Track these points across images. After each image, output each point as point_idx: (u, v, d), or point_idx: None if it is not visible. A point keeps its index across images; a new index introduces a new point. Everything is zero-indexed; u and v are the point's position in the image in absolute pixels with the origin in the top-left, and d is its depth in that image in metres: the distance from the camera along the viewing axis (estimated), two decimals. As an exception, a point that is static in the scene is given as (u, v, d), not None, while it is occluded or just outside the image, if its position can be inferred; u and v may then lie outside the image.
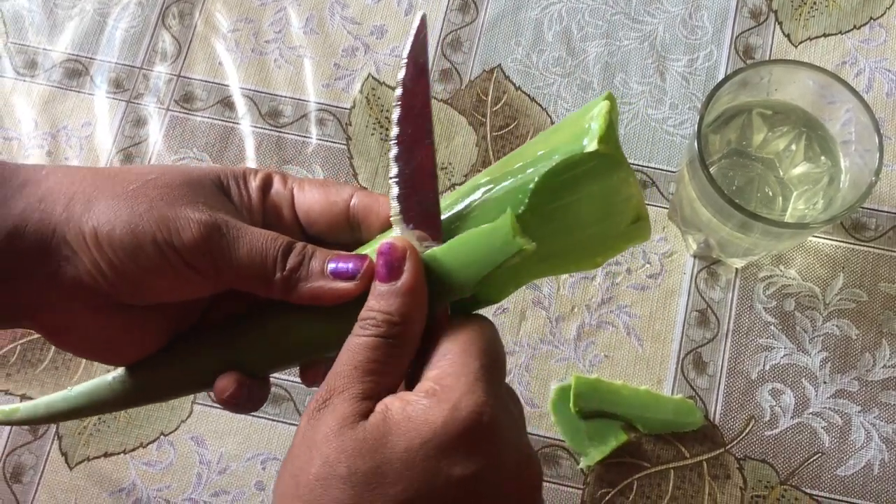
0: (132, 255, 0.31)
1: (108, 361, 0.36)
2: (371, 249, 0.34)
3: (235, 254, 0.32)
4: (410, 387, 0.31)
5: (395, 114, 0.32)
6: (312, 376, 0.37)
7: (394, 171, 0.32)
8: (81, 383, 0.37)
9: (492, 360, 0.31)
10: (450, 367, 0.30)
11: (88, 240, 0.31)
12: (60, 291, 0.32)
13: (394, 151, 0.32)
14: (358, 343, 0.30)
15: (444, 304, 0.32)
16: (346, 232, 0.36)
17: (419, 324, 0.31)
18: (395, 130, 0.32)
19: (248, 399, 0.35)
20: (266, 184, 0.36)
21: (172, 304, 0.34)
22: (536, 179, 0.30)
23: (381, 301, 0.31)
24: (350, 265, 0.32)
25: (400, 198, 0.32)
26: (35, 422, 0.37)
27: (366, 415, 0.29)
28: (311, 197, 0.36)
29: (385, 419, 0.29)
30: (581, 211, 0.31)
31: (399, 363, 0.31)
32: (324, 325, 0.34)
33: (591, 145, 0.29)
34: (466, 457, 0.28)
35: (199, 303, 0.36)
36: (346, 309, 0.32)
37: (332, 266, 0.33)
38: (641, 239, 0.32)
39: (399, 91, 0.32)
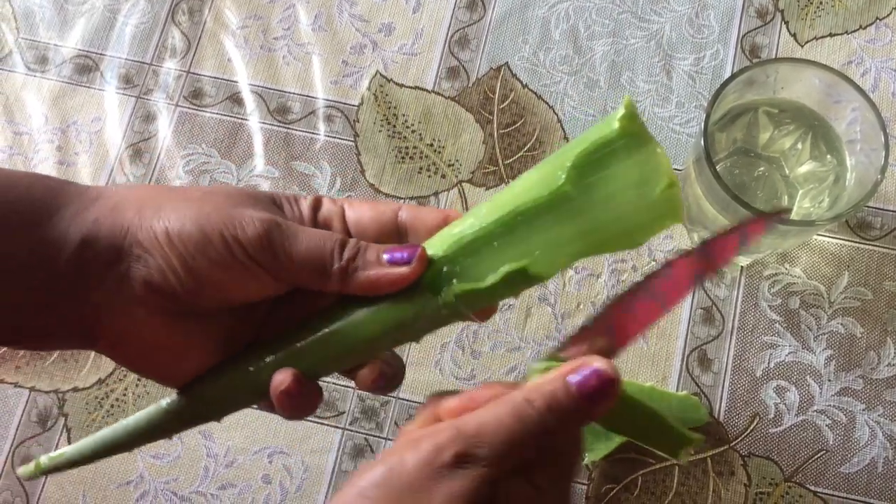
0: (201, 249, 0.32)
1: (164, 377, 0.36)
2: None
3: (295, 247, 0.33)
4: None
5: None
6: (364, 378, 0.37)
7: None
8: (135, 414, 0.36)
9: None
10: (560, 461, 0.31)
11: (160, 237, 0.32)
12: (129, 294, 0.33)
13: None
14: (527, 416, 0.30)
15: None
16: (394, 240, 0.37)
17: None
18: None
19: (302, 395, 0.35)
20: (316, 204, 0.38)
21: (230, 315, 0.35)
22: (573, 158, 0.32)
23: (568, 420, 0.30)
24: (405, 253, 0.34)
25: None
26: (88, 461, 0.37)
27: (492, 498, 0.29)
28: (360, 210, 0.37)
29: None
30: (617, 182, 0.32)
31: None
32: (377, 324, 0.34)
33: (618, 124, 0.31)
34: None
35: (255, 317, 0.37)
36: (399, 305, 0.34)
37: (386, 256, 0.34)
38: (674, 216, 0.33)
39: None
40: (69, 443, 0.54)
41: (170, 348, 0.34)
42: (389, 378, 0.37)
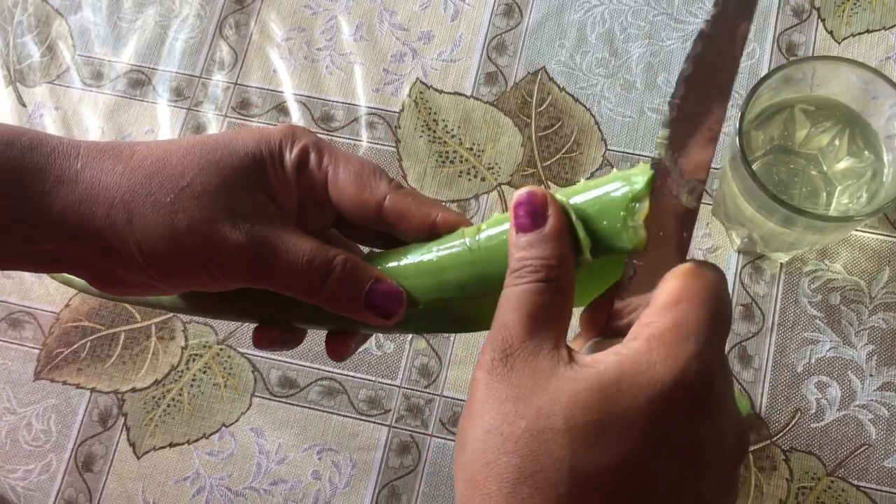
0: (175, 270, 0.33)
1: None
2: (444, 241, 0.34)
3: (273, 270, 0.33)
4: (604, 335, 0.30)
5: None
6: (338, 349, 0.37)
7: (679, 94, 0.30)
8: None
9: (720, 316, 0.28)
10: (676, 320, 0.27)
11: (135, 251, 0.32)
12: (107, 264, 0.33)
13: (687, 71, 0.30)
14: (522, 291, 0.29)
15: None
16: (377, 226, 0.36)
17: (572, 267, 0.30)
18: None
19: (284, 340, 0.37)
20: (302, 160, 0.35)
21: None
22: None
23: (531, 249, 0.29)
24: (387, 304, 0.34)
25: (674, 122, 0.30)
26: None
27: (567, 363, 0.27)
28: (343, 190, 0.35)
29: (604, 369, 0.26)
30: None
31: (566, 308, 0.29)
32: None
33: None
34: (691, 423, 0.26)
35: None
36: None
37: (370, 300, 0.34)
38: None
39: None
40: (129, 442, 0.57)
41: (154, 290, 0.36)
42: (352, 351, 0.38)
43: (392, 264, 0.35)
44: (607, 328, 0.30)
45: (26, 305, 0.60)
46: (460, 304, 0.34)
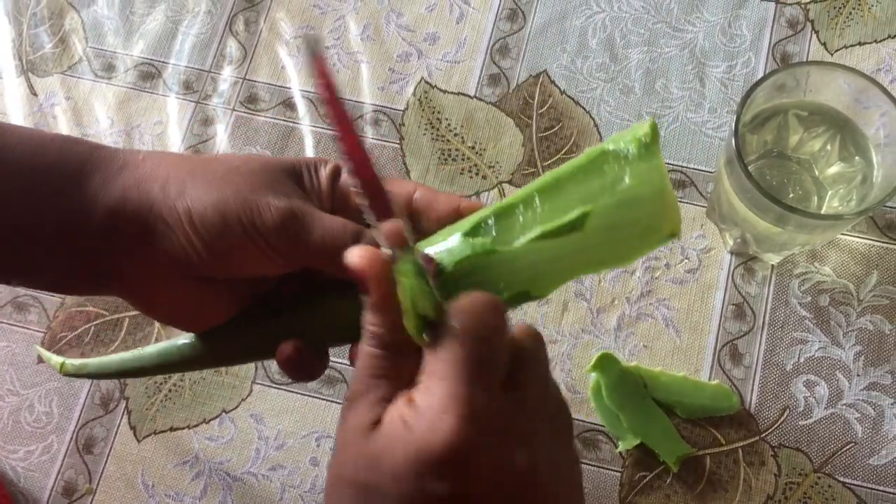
0: (221, 233, 0.35)
1: (185, 328, 0.39)
2: (439, 238, 0.36)
3: (310, 236, 0.35)
4: None
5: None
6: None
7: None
8: (153, 345, 0.41)
9: (477, 369, 0.30)
10: (428, 381, 0.30)
11: (183, 218, 0.35)
12: (154, 263, 0.36)
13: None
14: (363, 351, 0.32)
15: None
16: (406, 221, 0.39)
17: (400, 332, 0.31)
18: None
19: (303, 364, 0.38)
20: (335, 173, 0.39)
21: (247, 279, 0.38)
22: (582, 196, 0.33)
23: (369, 314, 0.32)
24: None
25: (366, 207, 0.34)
26: (104, 376, 0.42)
27: (377, 421, 0.30)
28: None
29: (385, 432, 0.30)
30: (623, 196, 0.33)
31: (400, 367, 0.32)
32: None
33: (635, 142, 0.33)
34: (446, 479, 0.28)
35: (269, 282, 0.40)
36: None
37: None
38: (672, 224, 0.34)
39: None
40: (130, 426, 0.57)
41: (186, 306, 0.38)
42: None
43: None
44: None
45: (31, 289, 0.61)
46: (483, 268, 0.35)
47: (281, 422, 0.57)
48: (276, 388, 0.58)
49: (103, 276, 0.36)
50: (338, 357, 0.58)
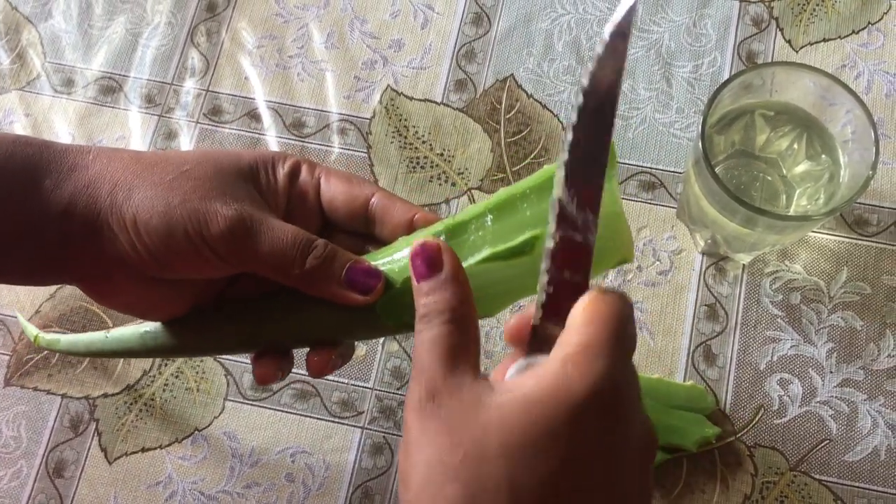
0: (165, 241, 0.35)
1: (143, 318, 0.40)
2: (390, 253, 0.37)
3: (258, 247, 0.35)
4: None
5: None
6: (318, 364, 0.39)
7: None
8: (118, 328, 0.41)
9: (624, 334, 0.31)
10: (586, 341, 0.30)
11: (128, 225, 0.35)
12: (103, 263, 0.36)
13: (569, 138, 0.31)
14: (433, 334, 0.31)
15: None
16: (362, 224, 0.39)
17: (472, 305, 0.33)
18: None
19: (280, 375, 0.39)
20: (294, 171, 0.39)
21: (199, 280, 0.38)
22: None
23: (433, 294, 0.32)
24: (366, 280, 0.36)
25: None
26: (74, 354, 0.43)
27: (490, 392, 0.30)
28: (335, 188, 0.39)
29: (526, 392, 0.29)
30: None
31: (473, 338, 0.32)
32: (338, 313, 0.37)
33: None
34: (604, 426, 0.29)
35: (223, 279, 0.40)
36: (351, 315, 0.36)
37: (349, 276, 0.36)
38: (626, 250, 0.35)
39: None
40: (101, 447, 0.56)
41: (140, 300, 0.38)
42: (337, 366, 0.39)
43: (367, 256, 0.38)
44: (530, 345, 0.32)
45: (-4, 310, 0.60)
46: None
47: (255, 438, 0.56)
48: (249, 404, 0.57)
49: (59, 270, 0.37)
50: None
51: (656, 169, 0.60)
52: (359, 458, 0.55)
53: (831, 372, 0.55)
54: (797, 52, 0.62)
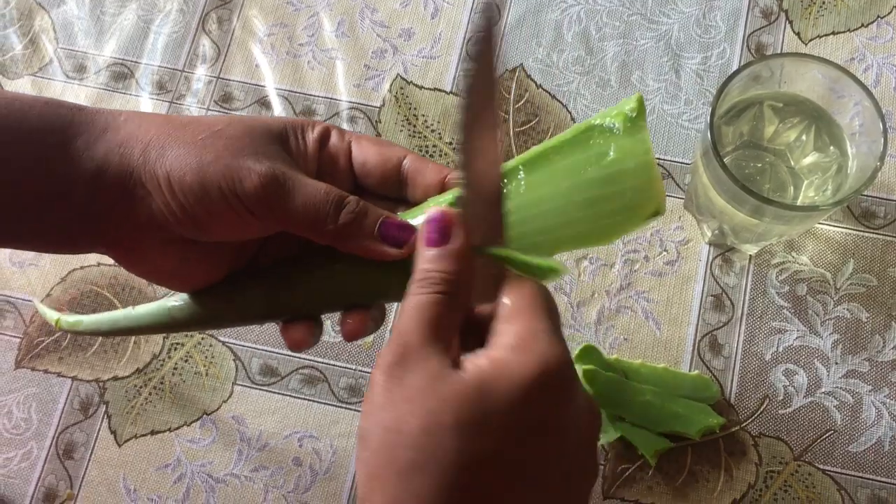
0: (199, 199, 0.34)
1: (172, 287, 0.40)
2: (421, 213, 0.37)
3: (292, 203, 0.35)
4: (466, 344, 0.33)
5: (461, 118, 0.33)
6: (353, 327, 0.39)
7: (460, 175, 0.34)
8: (143, 304, 0.40)
9: (555, 318, 0.33)
10: (525, 325, 0.32)
11: (162, 183, 0.34)
12: (136, 226, 0.36)
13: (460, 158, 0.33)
14: (422, 300, 0.32)
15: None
16: (394, 187, 0.39)
17: (470, 284, 0.33)
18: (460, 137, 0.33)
19: (313, 341, 0.39)
20: (324, 136, 0.39)
21: (231, 242, 0.38)
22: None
23: (436, 262, 0.33)
24: (399, 234, 0.36)
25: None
26: (97, 334, 0.42)
27: (454, 367, 0.31)
28: (367, 151, 0.39)
29: (481, 372, 0.30)
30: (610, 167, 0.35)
31: (457, 318, 0.33)
32: (370, 273, 0.37)
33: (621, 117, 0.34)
34: (556, 402, 0.31)
35: (254, 243, 0.40)
36: (383, 271, 0.36)
37: (382, 230, 0.36)
38: (655, 203, 0.35)
39: (464, 95, 0.33)
40: (110, 430, 0.57)
41: (171, 267, 0.38)
42: (370, 330, 0.39)
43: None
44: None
45: (7, 295, 0.61)
46: None
47: (263, 422, 0.57)
48: (257, 388, 0.57)
49: (91, 235, 0.36)
50: (319, 357, 0.58)
51: (664, 159, 0.61)
52: (366, 443, 0.56)
53: (836, 363, 0.55)
54: (806, 44, 0.62)
